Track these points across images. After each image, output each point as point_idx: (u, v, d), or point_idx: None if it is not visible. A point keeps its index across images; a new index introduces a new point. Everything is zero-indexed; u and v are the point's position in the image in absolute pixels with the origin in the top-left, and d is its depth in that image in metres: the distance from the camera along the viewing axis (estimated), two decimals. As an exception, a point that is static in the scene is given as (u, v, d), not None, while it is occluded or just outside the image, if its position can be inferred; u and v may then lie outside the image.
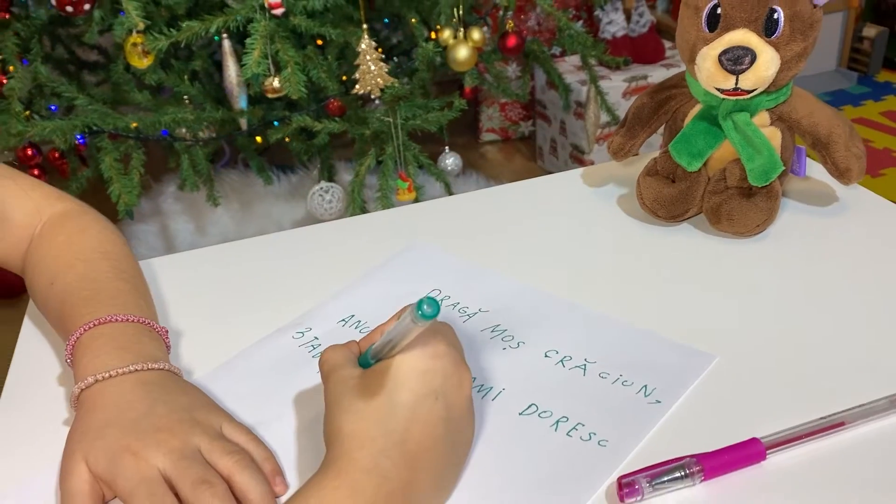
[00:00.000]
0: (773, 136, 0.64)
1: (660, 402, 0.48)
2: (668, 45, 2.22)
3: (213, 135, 1.47)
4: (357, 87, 1.34)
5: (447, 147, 1.57)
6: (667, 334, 0.54)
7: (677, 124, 0.67)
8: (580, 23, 2.34)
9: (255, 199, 1.91)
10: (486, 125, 2.50)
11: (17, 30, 1.43)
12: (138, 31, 1.27)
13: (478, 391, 0.50)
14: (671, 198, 0.65)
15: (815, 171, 0.70)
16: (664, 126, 0.69)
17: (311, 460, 0.46)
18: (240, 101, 1.40)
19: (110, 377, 0.48)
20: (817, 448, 0.45)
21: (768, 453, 0.44)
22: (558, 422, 0.48)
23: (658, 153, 0.69)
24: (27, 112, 1.40)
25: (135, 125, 1.37)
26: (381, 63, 1.33)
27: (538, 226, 0.70)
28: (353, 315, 0.59)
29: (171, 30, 1.28)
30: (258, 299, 0.63)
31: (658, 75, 2.10)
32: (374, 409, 0.40)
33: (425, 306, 0.37)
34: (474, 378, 0.51)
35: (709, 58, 0.60)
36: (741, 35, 0.59)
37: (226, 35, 1.33)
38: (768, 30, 0.59)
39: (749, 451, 0.44)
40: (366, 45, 1.32)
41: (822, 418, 0.45)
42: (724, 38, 0.59)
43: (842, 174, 0.63)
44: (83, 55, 1.80)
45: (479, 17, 1.61)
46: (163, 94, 1.66)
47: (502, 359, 0.53)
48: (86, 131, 1.34)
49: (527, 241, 0.67)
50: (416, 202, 1.40)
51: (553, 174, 0.79)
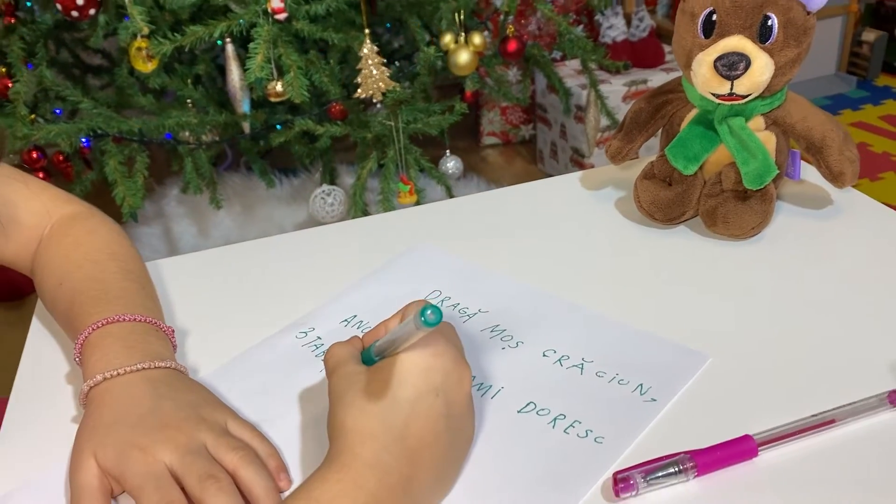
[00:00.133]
0: (768, 140, 0.65)
1: (655, 400, 0.49)
2: (667, 49, 2.23)
3: (216, 138, 1.48)
4: (359, 91, 1.35)
5: (448, 150, 1.58)
6: (663, 334, 0.55)
7: (674, 128, 0.68)
8: (581, 27, 2.35)
9: (258, 202, 1.92)
10: (487, 129, 2.51)
11: (23, 34, 1.45)
12: (143, 36, 1.28)
13: (477, 389, 0.51)
14: (668, 201, 0.66)
15: (810, 174, 0.70)
16: (661, 130, 0.70)
17: (315, 456, 0.47)
18: (243, 105, 1.41)
19: (118, 375, 0.49)
20: (808, 445, 0.46)
21: (760, 450, 0.45)
22: (556, 419, 0.49)
23: (655, 157, 0.70)
24: (32, 116, 1.41)
25: (139, 129, 1.39)
26: (383, 67, 1.34)
27: (537, 228, 0.71)
28: (355, 315, 0.60)
29: (175, 34, 1.28)
30: (262, 300, 0.64)
31: (658, 79, 2.11)
32: (377, 406, 0.41)
33: (429, 313, 0.38)
34: (474, 376, 0.52)
35: (704, 63, 0.61)
36: (736, 41, 0.60)
37: (229, 39, 1.34)
38: (762, 36, 0.60)
39: (741, 448, 0.45)
40: (368, 49, 1.32)
41: (812, 416, 0.46)
42: (720, 45, 0.60)
43: (835, 178, 0.64)
44: (87, 59, 1.81)
45: (481, 21, 1.62)
46: (166, 98, 1.67)
47: (501, 358, 0.54)
48: (90, 134, 1.35)
49: (526, 242, 0.69)
50: (418, 205, 1.41)
51: (552, 177, 0.80)
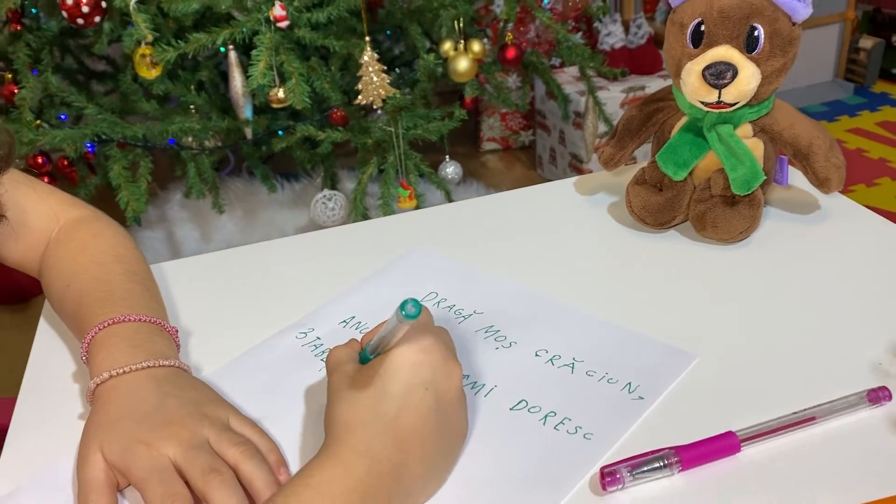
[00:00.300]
0: (756, 147, 0.66)
1: (642, 398, 0.51)
2: (665, 56, 2.25)
3: (219, 144, 1.50)
4: (360, 97, 1.37)
5: (448, 156, 1.60)
6: (652, 335, 0.57)
7: (665, 135, 0.70)
8: (579, 34, 2.37)
9: (259, 206, 1.94)
10: (486, 134, 2.53)
11: (29, 41, 1.47)
12: (147, 43, 1.30)
13: (471, 388, 0.53)
14: (658, 206, 0.68)
15: (798, 180, 0.72)
16: (653, 137, 0.72)
17: (313, 451, 0.47)
18: (245, 111, 1.43)
19: (124, 373, 0.50)
20: (790, 441, 0.47)
21: (743, 446, 0.46)
22: (547, 416, 0.50)
23: (646, 163, 0.72)
24: (38, 121, 1.43)
25: (142, 134, 1.41)
26: (384, 74, 1.36)
27: (532, 232, 0.72)
28: (353, 316, 0.62)
29: (178, 41, 1.31)
30: (263, 301, 0.66)
31: (655, 86, 2.13)
32: (368, 399, 0.43)
33: (409, 306, 0.40)
34: (468, 375, 0.54)
35: (693, 72, 0.63)
36: (723, 51, 0.62)
37: (232, 46, 1.36)
38: (749, 46, 0.62)
39: (725, 444, 0.46)
40: (368, 56, 1.34)
41: (794, 413, 0.48)
42: (708, 54, 0.62)
43: (822, 183, 0.66)
44: (92, 65, 1.83)
45: (480, 29, 1.64)
46: (170, 104, 1.69)
47: (495, 358, 0.56)
48: (95, 140, 1.37)
49: (521, 246, 0.70)
50: (417, 209, 1.43)
51: (547, 183, 0.81)
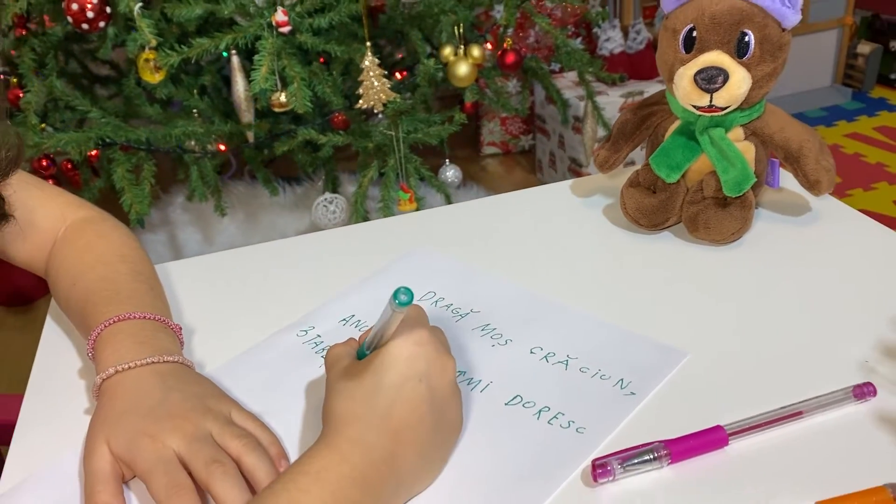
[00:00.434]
0: (747, 150, 0.68)
1: (634, 394, 0.52)
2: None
3: (222, 147, 1.52)
4: (361, 101, 1.38)
5: (448, 160, 1.61)
6: (645, 333, 0.58)
7: (658, 139, 0.71)
8: (579, 40, 2.39)
9: (261, 209, 1.95)
10: (487, 139, 2.55)
11: (34, 45, 1.49)
12: (151, 48, 1.32)
13: (467, 383, 0.54)
14: (652, 207, 0.69)
15: (789, 182, 0.74)
16: (647, 140, 0.74)
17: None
18: (247, 115, 1.45)
19: (129, 368, 0.52)
20: (777, 435, 0.48)
21: (731, 439, 0.47)
22: (541, 411, 0.51)
23: (640, 165, 0.73)
24: (42, 125, 1.45)
25: (146, 138, 1.42)
26: (384, 79, 1.38)
27: (529, 233, 0.74)
28: (353, 315, 0.63)
29: (181, 46, 1.32)
30: (265, 300, 0.67)
31: (654, 91, 2.12)
32: (363, 391, 0.45)
33: (401, 295, 0.41)
34: (464, 371, 0.55)
35: (685, 77, 0.64)
36: (715, 56, 0.63)
37: (234, 51, 1.38)
38: (740, 51, 0.63)
39: (713, 437, 0.47)
40: (369, 61, 1.36)
41: (781, 408, 0.49)
42: (699, 59, 0.64)
43: (812, 186, 0.68)
44: (95, 70, 1.85)
45: (480, 34, 1.65)
46: (172, 108, 1.71)
47: (491, 355, 0.57)
48: (99, 143, 1.38)
49: (518, 247, 0.72)
50: (417, 211, 1.44)
51: (544, 185, 0.83)
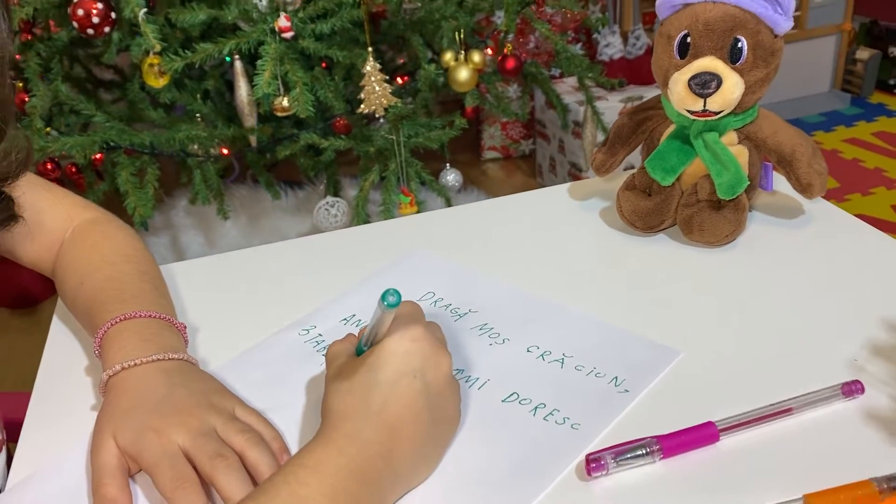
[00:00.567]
0: (741, 153, 0.69)
1: (628, 391, 0.53)
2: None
3: (225, 151, 1.53)
4: (362, 106, 1.40)
5: (448, 164, 1.63)
6: (639, 332, 0.59)
7: (654, 143, 0.72)
8: (579, 45, 2.40)
9: (263, 213, 1.97)
10: (487, 143, 2.57)
11: (39, 50, 1.50)
12: (155, 53, 1.34)
13: (465, 381, 0.56)
14: (648, 210, 0.71)
15: (782, 186, 0.75)
16: (642, 144, 0.75)
17: (315, 439, 0.51)
18: (250, 119, 1.46)
19: (135, 365, 0.53)
20: (767, 431, 0.49)
21: (722, 435, 0.49)
22: (536, 408, 0.53)
23: (636, 169, 0.75)
24: (47, 128, 1.46)
25: (149, 141, 1.44)
26: (386, 84, 1.39)
27: (528, 235, 0.75)
28: (354, 315, 0.65)
29: (185, 51, 1.34)
30: (267, 300, 0.68)
31: (653, 96, 2.15)
32: (359, 387, 0.46)
33: (389, 297, 0.43)
34: (462, 369, 0.57)
35: (679, 82, 0.65)
36: (708, 62, 0.64)
37: (237, 56, 1.39)
38: (733, 57, 0.64)
39: (704, 433, 0.48)
40: (371, 66, 1.37)
41: (771, 405, 0.50)
42: (693, 65, 0.65)
43: (805, 189, 0.69)
44: (99, 74, 1.87)
45: (481, 40, 1.67)
46: (176, 112, 1.73)
47: (489, 353, 0.59)
48: (103, 147, 1.40)
49: (516, 249, 0.73)
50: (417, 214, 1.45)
51: (542, 189, 0.84)
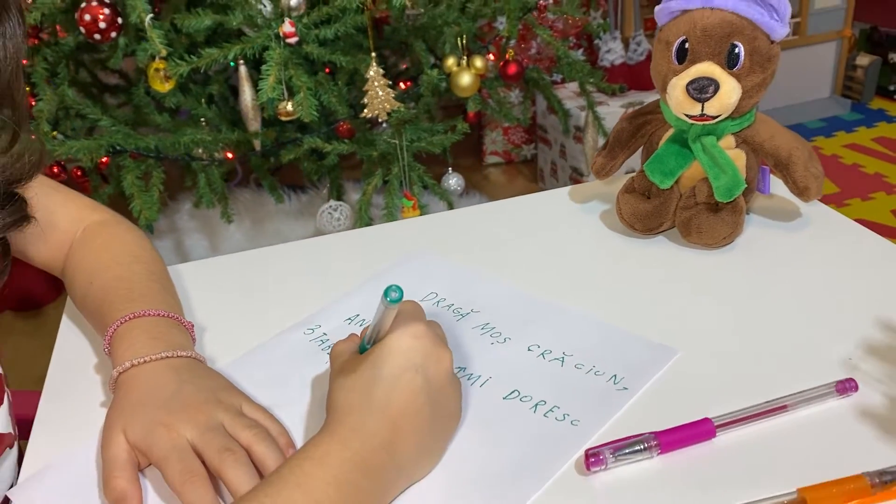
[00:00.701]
0: (738, 157, 0.70)
1: (627, 389, 0.55)
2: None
3: (229, 155, 1.55)
4: (365, 111, 1.41)
5: (451, 168, 1.64)
6: (638, 332, 0.60)
7: (653, 146, 0.74)
8: (581, 51, 2.42)
9: (267, 216, 1.98)
10: (489, 148, 2.58)
11: (46, 55, 1.52)
12: (161, 58, 1.35)
13: (467, 379, 0.57)
14: (647, 212, 0.72)
15: (779, 189, 0.76)
16: (642, 148, 0.76)
17: (320, 435, 0.52)
18: (254, 124, 1.48)
19: (145, 362, 0.54)
20: (762, 428, 0.50)
21: (718, 432, 0.50)
22: (537, 405, 0.54)
23: (635, 172, 0.76)
24: (54, 132, 1.48)
25: (155, 145, 1.45)
26: (389, 89, 1.40)
27: (529, 237, 0.76)
28: (357, 315, 0.66)
29: (191, 56, 1.35)
30: (273, 300, 0.70)
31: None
32: (362, 382, 0.47)
33: (392, 292, 0.44)
34: (464, 367, 0.58)
35: (678, 87, 0.67)
36: (706, 67, 0.66)
37: (242, 61, 1.41)
38: (730, 63, 0.66)
39: (701, 429, 0.50)
40: (374, 71, 1.38)
41: (766, 402, 0.51)
42: (691, 70, 0.66)
43: (801, 192, 0.70)
44: (104, 79, 1.89)
45: (483, 45, 1.68)
46: (181, 116, 1.74)
47: (490, 352, 0.60)
48: (110, 151, 1.41)
49: (517, 250, 0.74)
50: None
51: (543, 192, 0.85)
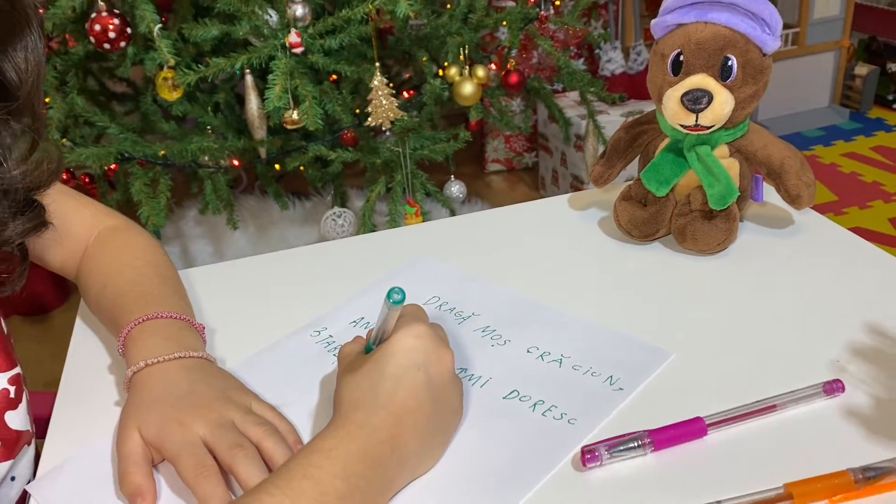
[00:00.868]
0: (732, 166, 0.72)
1: (622, 389, 0.57)
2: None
3: (235, 163, 1.57)
4: (369, 119, 1.43)
5: (453, 176, 1.67)
6: (633, 334, 0.62)
7: (649, 155, 0.76)
8: (581, 60, 2.44)
9: (271, 223, 2.00)
10: (491, 156, 2.61)
11: (56, 64, 1.55)
12: (169, 67, 1.38)
13: (468, 379, 0.59)
14: (643, 219, 0.74)
15: (773, 197, 0.78)
16: (638, 157, 0.78)
17: (326, 432, 0.54)
18: (260, 132, 1.50)
19: (158, 362, 0.56)
20: (752, 427, 0.52)
21: (710, 430, 0.52)
22: (535, 404, 0.56)
23: (633, 180, 0.78)
24: (63, 140, 1.51)
25: (162, 153, 1.48)
26: (392, 97, 1.43)
27: (529, 243, 0.78)
28: (363, 317, 0.68)
29: (198, 65, 1.38)
30: (280, 304, 0.72)
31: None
32: (368, 380, 0.49)
33: (395, 294, 0.46)
34: (465, 368, 0.60)
35: (672, 98, 0.69)
36: (700, 79, 0.68)
37: (248, 71, 1.43)
38: (723, 74, 0.68)
39: (693, 428, 0.52)
40: (378, 80, 1.41)
41: (757, 402, 0.53)
42: (686, 82, 0.68)
43: (793, 200, 0.72)
44: (112, 87, 1.91)
45: (485, 55, 1.71)
46: (187, 124, 1.77)
47: (490, 354, 0.62)
48: (118, 158, 1.44)
49: (518, 256, 0.76)
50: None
51: (543, 199, 0.87)
